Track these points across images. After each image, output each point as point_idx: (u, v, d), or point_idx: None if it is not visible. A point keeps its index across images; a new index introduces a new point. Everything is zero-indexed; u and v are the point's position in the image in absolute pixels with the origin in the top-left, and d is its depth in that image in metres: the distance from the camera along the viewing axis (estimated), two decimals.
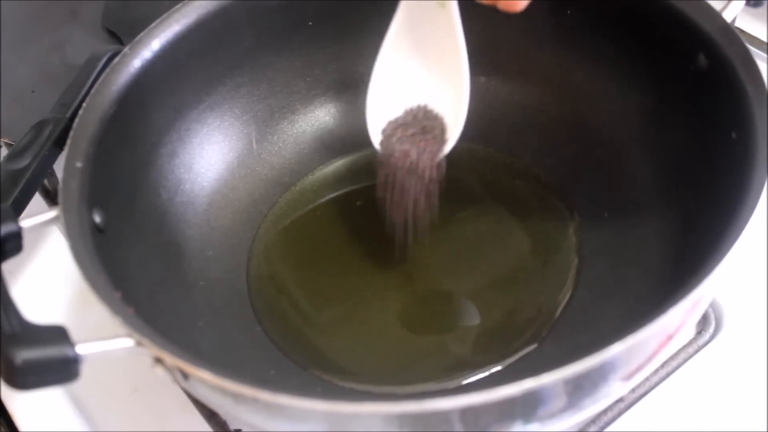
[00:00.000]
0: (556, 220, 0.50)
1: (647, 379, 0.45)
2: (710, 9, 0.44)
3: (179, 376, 0.36)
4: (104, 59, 0.51)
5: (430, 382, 0.44)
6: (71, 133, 0.43)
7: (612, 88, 0.51)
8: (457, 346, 0.46)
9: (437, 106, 0.48)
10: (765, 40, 0.60)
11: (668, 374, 0.45)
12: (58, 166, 0.43)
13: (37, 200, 0.57)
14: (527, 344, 0.45)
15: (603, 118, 0.51)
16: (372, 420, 0.34)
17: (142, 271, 0.45)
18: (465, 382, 0.44)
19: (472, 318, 0.47)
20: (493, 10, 0.43)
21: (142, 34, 0.48)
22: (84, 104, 0.45)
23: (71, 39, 0.64)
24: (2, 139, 0.57)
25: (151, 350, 0.35)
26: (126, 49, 0.47)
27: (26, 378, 0.34)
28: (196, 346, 0.44)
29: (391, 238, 0.48)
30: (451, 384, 0.44)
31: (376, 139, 0.48)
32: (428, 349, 0.46)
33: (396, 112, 0.49)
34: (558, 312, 0.46)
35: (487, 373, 0.44)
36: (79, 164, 0.42)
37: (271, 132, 0.55)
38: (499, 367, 0.44)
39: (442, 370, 0.45)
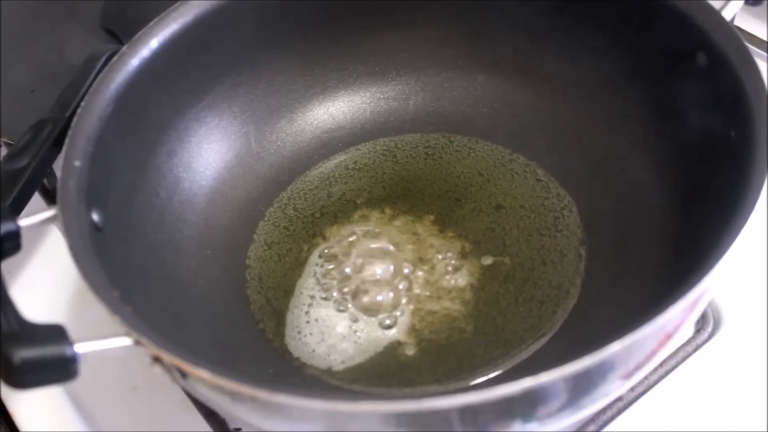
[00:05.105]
0: (555, 218, 0.50)
1: (646, 377, 0.45)
2: (709, 8, 0.44)
3: (177, 375, 0.36)
4: (103, 59, 0.51)
5: (429, 385, 0.44)
6: (69, 132, 0.43)
7: (610, 85, 0.51)
8: (456, 347, 0.46)
9: None
10: (764, 39, 0.60)
11: (667, 373, 0.45)
12: (58, 166, 0.43)
13: (38, 200, 0.57)
14: (528, 345, 0.45)
15: (602, 116, 0.51)
16: (370, 419, 0.33)
17: (141, 270, 0.45)
18: (465, 384, 0.44)
19: (472, 318, 0.47)
20: (491, 8, 0.43)
21: (140, 32, 0.48)
22: (82, 103, 0.45)
23: (70, 39, 0.64)
24: (1, 139, 0.57)
25: (149, 349, 0.35)
26: (124, 48, 0.47)
27: (24, 377, 0.34)
28: (195, 344, 0.44)
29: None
30: (452, 386, 0.44)
31: None
32: (428, 350, 0.46)
33: None
34: (558, 311, 0.46)
35: (489, 376, 0.44)
36: (77, 163, 0.42)
37: (270, 131, 0.55)
38: (500, 370, 0.44)
39: (443, 372, 0.45)
